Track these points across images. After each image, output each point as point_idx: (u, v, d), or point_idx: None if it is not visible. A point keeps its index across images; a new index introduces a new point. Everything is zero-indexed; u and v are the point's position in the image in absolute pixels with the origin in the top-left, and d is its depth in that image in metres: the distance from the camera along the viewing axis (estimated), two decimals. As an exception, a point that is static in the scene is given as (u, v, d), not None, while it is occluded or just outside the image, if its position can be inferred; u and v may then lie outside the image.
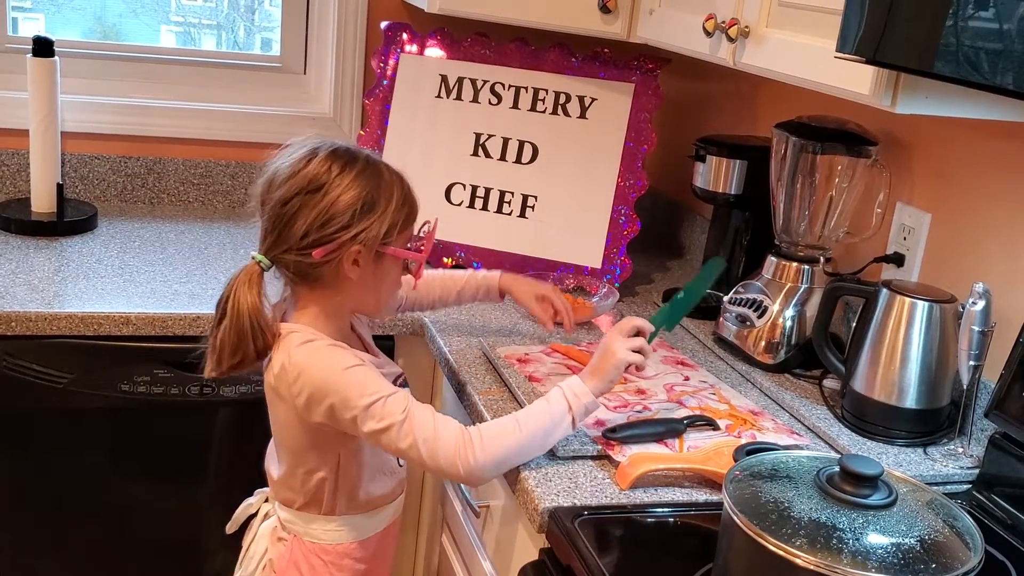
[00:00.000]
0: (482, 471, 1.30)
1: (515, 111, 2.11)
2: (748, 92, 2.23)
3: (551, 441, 1.35)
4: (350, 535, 1.44)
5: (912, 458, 1.48)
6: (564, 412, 1.33)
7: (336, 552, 1.44)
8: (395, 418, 1.28)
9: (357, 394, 1.29)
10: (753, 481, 1.06)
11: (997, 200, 1.56)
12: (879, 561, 0.95)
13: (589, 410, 1.36)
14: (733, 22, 1.56)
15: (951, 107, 1.32)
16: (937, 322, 1.49)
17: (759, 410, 1.58)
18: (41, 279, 1.89)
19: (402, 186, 1.37)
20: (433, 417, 1.31)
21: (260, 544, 1.48)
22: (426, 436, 1.29)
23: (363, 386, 1.30)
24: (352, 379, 1.30)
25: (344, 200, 1.31)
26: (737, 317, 1.79)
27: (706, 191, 2.01)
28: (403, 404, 1.30)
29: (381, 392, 1.30)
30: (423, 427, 1.29)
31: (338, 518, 1.43)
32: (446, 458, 1.29)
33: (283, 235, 1.33)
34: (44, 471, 1.83)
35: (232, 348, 1.33)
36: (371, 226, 1.31)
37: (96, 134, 2.33)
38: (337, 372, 1.30)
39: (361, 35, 2.40)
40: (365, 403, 1.28)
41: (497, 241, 2.09)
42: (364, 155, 1.37)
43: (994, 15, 1.04)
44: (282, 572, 1.44)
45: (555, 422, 1.33)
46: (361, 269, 1.34)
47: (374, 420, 1.28)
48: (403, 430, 1.28)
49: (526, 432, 1.32)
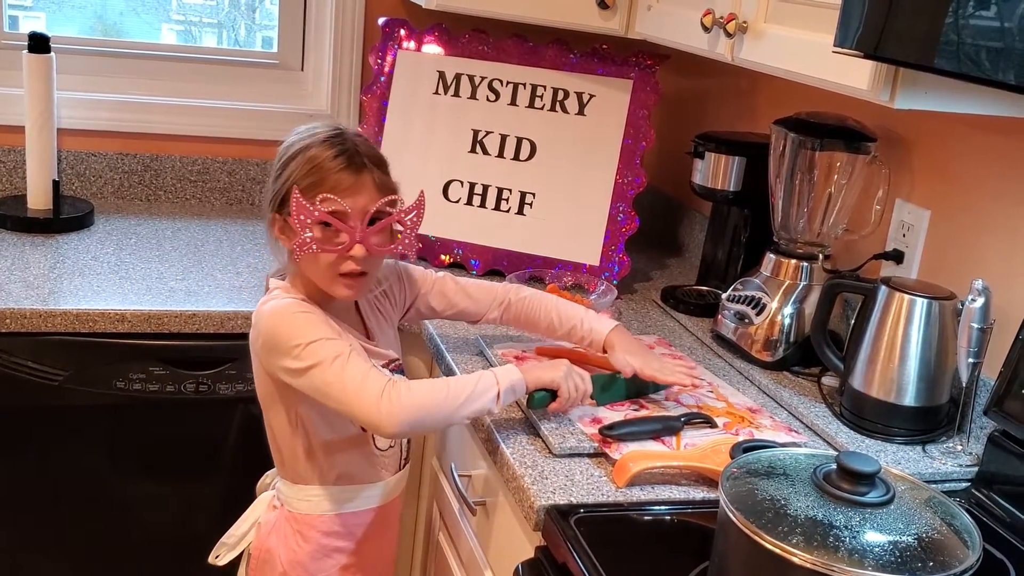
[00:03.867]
0: (399, 417, 1.31)
1: (513, 108, 2.10)
2: (747, 88, 2.23)
3: (469, 410, 1.36)
4: (317, 507, 1.48)
5: (911, 456, 1.47)
6: (491, 384, 1.37)
7: (304, 521, 1.48)
8: (325, 357, 1.32)
9: (299, 334, 1.34)
10: (750, 479, 1.05)
11: (996, 197, 1.55)
12: (876, 559, 0.94)
13: (516, 389, 1.39)
14: (731, 17, 1.56)
15: (950, 102, 1.31)
16: (936, 319, 1.48)
17: (757, 408, 1.58)
18: (37, 276, 1.88)
19: (330, 150, 1.36)
20: (369, 368, 1.34)
21: (257, 509, 1.54)
22: (353, 377, 1.31)
23: (306, 328, 1.34)
24: (298, 321, 1.35)
25: (278, 165, 1.39)
26: (735, 314, 1.78)
27: (705, 188, 2.00)
28: (338, 348, 1.33)
29: (320, 335, 1.33)
30: (354, 370, 1.32)
31: (307, 488, 1.47)
32: (369, 399, 1.30)
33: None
34: (39, 469, 1.82)
35: None
36: (278, 190, 1.38)
37: (93, 131, 2.32)
38: (286, 316, 1.37)
39: (359, 31, 2.40)
40: (303, 342, 1.33)
41: (495, 238, 2.08)
42: (326, 130, 1.41)
43: (995, 10, 1.03)
44: (264, 536, 1.51)
45: (478, 392, 1.36)
46: (288, 240, 1.38)
47: (306, 358, 1.32)
48: (332, 368, 1.31)
49: (449, 392, 1.35)
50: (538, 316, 1.62)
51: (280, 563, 1.49)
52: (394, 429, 1.33)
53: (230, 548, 1.54)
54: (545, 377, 1.42)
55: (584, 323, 1.59)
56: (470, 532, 1.59)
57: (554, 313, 1.61)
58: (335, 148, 1.37)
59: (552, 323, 1.61)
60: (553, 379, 1.42)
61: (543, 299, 1.64)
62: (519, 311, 1.63)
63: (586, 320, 1.59)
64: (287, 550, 1.48)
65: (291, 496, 1.48)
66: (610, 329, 1.57)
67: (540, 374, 1.42)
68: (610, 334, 1.56)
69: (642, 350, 1.57)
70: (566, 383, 1.42)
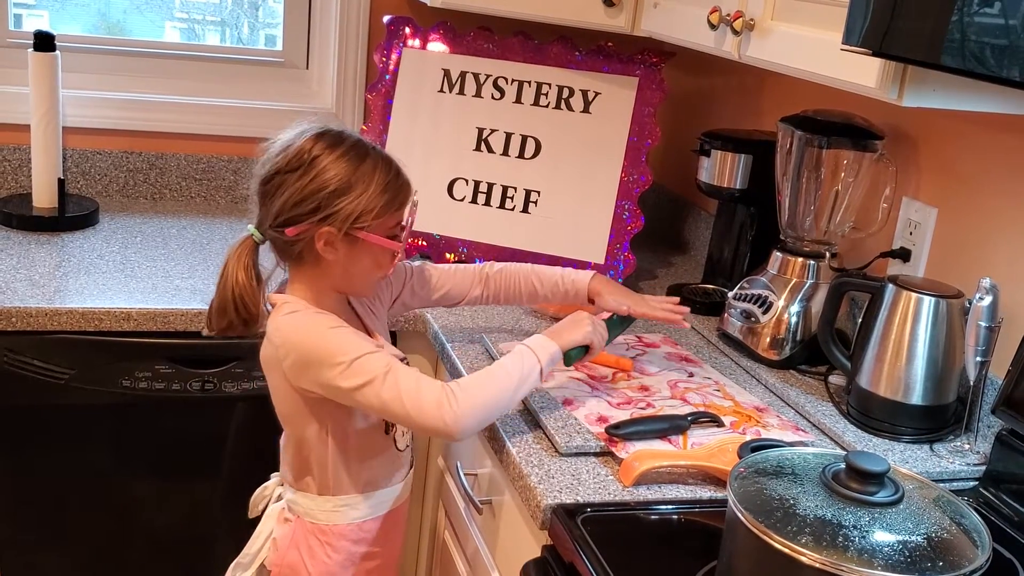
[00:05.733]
0: (465, 421, 1.32)
1: (518, 106, 2.10)
2: (753, 86, 2.22)
3: (522, 393, 1.39)
4: (347, 516, 1.46)
5: (918, 455, 1.47)
6: (534, 363, 1.39)
7: (333, 533, 1.46)
8: (377, 372, 1.31)
9: (340, 351, 1.32)
10: (758, 478, 1.05)
11: (1004, 195, 1.55)
12: (886, 559, 0.94)
13: (554, 359, 1.42)
14: (738, 15, 1.55)
15: (958, 100, 1.31)
16: (943, 318, 1.48)
17: (764, 406, 1.57)
18: (42, 275, 1.88)
19: (387, 172, 1.37)
20: (416, 374, 1.35)
21: (267, 524, 1.51)
22: (409, 389, 1.31)
23: (346, 343, 1.33)
24: (335, 337, 1.34)
25: (319, 181, 1.33)
26: (742, 313, 1.78)
27: (711, 186, 2.00)
28: (384, 361, 1.33)
29: (363, 350, 1.33)
30: (407, 381, 1.32)
31: (334, 498, 1.45)
32: (431, 409, 1.31)
33: (265, 211, 1.37)
34: (45, 467, 1.83)
35: (218, 311, 1.39)
36: (342, 209, 1.33)
37: (98, 129, 2.32)
38: (321, 332, 1.34)
39: (363, 30, 2.40)
40: (347, 359, 1.31)
41: (500, 237, 2.08)
42: (353, 140, 1.38)
43: (1000, 7, 1.03)
44: (283, 551, 1.47)
45: (524, 374, 1.38)
46: (336, 250, 1.36)
47: (356, 375, 1.31)
48: (386, 383, 1.31)
49: (499, 382, 1.36)
50: (519, 283, 1.67)
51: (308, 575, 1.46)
52: (462, 435, 1.35)
53: (245, 568, 1.51)
54: (577, 336, 1.46)
55: (565, 278, 1.67)
56: (476, 531, 1.59)
57: (533, 276, 1.67)
58: (380, 160, 1.37)
59: (533, 286, 1.67)
60: (585, 335, 1.47)
61: (519, 266, 1.70)
62: (499, 283, 1.67)
63: (566, 275, 1.68)
64: (316, 562, 1.45)
65: (314, 508, 1.45)
66: (590, 278, 1.66)
67: (572, 336, 1.46)
68: (592, 282, 1.66)
69: (625, 291, 1.68)
70: (595, 335, 1.48)
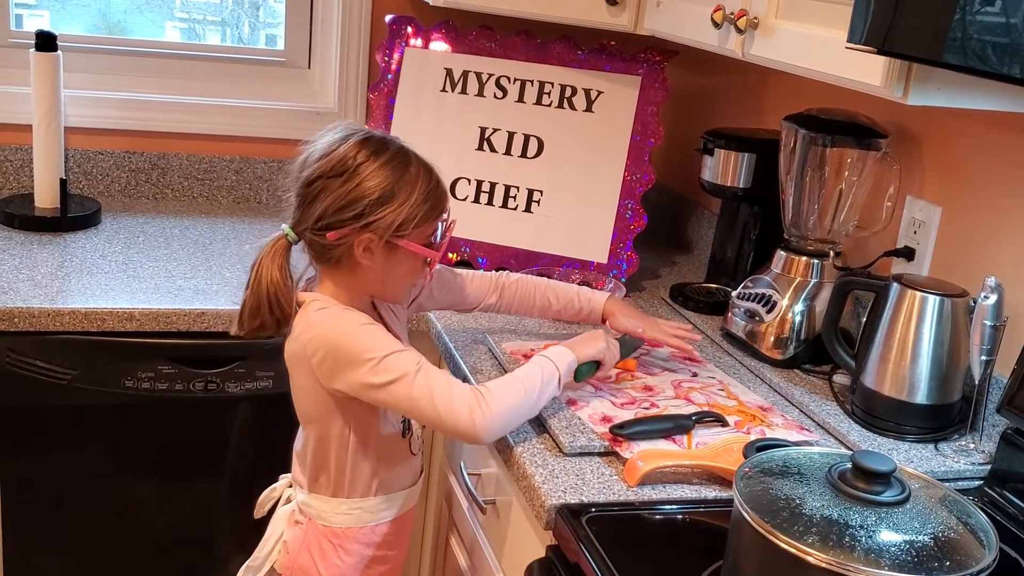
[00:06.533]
0: (494, 425, 1.34)
1: (521, 105, 2.09)
2: (756, 84, 2.22)
3: (544, 400, 1.41)
4: (360, 520, 1.46)
5: (923, 454, 1.46)
6: (553, 371, 1.41)
7: (346, 536, 1.46)
8: (408, 369, 1.32)
9: (370, 347, 1.33)
10: (764, 478, 1.05)
11: (1008, 193, 1.54)
12: (892, 559, 0.93)
13: (571, 369, 1.45)
14: (742, 13, 1.55)
15: (963, 98, 1.30)
16: (948, 317, 1.47)
17: (768, 406, 1.57)
18: (44, 275, 1.88)
19: (428, 181, 1.38)
20: (448, 376, 1.37)
21: (277, 527, 1.51)
22: (441, 391, 1.32)
23: (376, 340, 1.34)
24: (366, 334, 1.35)
25: (362, 188, 1.34)
26: (746, 312, 1.77)
27: (714, 185, 1.99)
28: (416, 359, 1.34)
29: (394, 347, 1.34)
30: (439, 382, 1.33)
31: (348, 501, 1.45)
32: (462, 412, 1.32)
33: (305, 214, 1.37)
34: (48, 468, 1.82)
35: (252, 311, 1.40)
36: (384, 217, 1.34)
37: (100, 129, 2.32)
38: (351, 329, 1.35)
39: (365, 29, 2.39)
40: (378, 355, 1.32)
41: (503, 236, 2.08)
42: (396, 146, 1.39)
43: (1001, 5, 1.02)
44: (294, 554, 1.47)
45: (546, 380, 1.40)
46: (374, 256, 1.37)
47: (386, 372, 1.32)
48: (417, 381, 1.32)
49: (525, 388, 1.38)
50: (533, 296, 1.68)
51: None
52: (489, 439, 1.37)
53: (256, 571, 1.50)
54: (591, 351, 1.49)
55: (581, 296, 1.69)
56: (480, 531, 1.59)
57: (549, 291, 1.69)
58: (423, 169, 1.38)
59: (548, 300, 1.68)
60: (599, 351, 1.50)
61: (536, 280, 1.71)
62: (514, 293, 1.68)
63: (582, 293, 1.70)
64: (328, 565, 1.46)
65: (328, 511, 1.46)
66: (605, 299, 1.69)
67: (586, 349, 1.49)
68: (607, 303, 1.68)
69: (639, 313, 1.70)
70: (608, 353, 1.51)
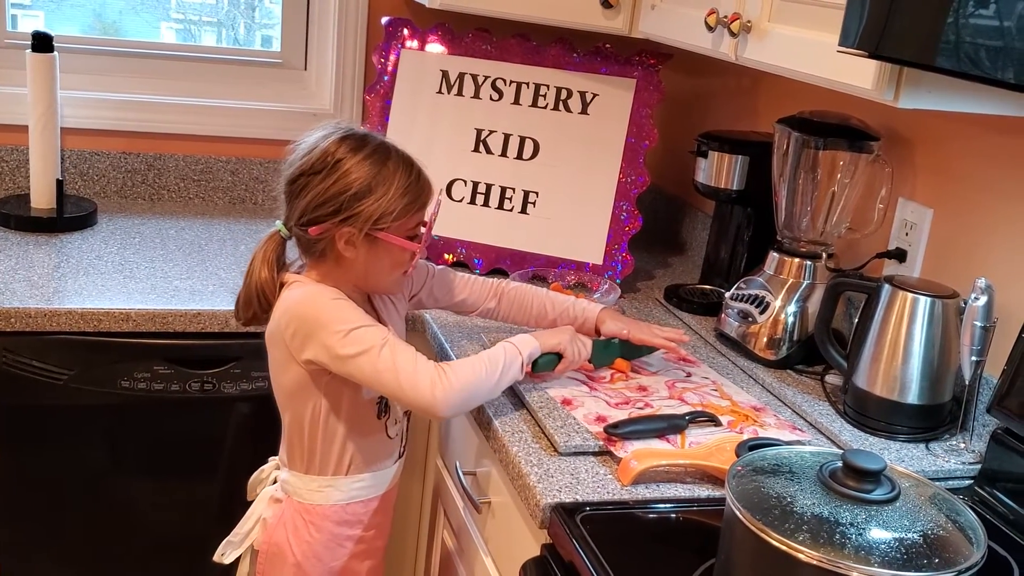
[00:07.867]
0: (452, 398, 1.38)
1: (516, 107, 2.10)
2: (749, 87, 2.23)
3: (505, 382, 1.46)
4: (330, 497, 1.50)
5: (914, 454, 1.48)
6: (515, 354, 1.47)
7: (317, 513, 1.50)
8: (374, 343, 1.36)
9: (338, 319, 1.38)
10: (756, 476, 1.06)
11: (999, 195, 1.56)
12: (882, 556, 0.94)
13: (533, 355, 1.50)
14: (735, 17, 1.56)
15: (954, 102, 1.31)
16: (939, 318, 1.49)
17: (761, 406, 1.58)
18: (41, 275, 1.88)
19: (408, 175, 1.42)
20: (414, 352, 1.40)
21: (259, 505, 1.55)
22: (405, 364, 1.37)
23: (344, 312, 1.39)
24: (335, 307, 1.40)
25: (341, 183, 1.38)
26: (739, 313, 1.79)
27: (708, 187, 2.01)
28: (382, 333, 1.39)
29: (362, 321, 1.39)
30: (404, 356, 1.38)
31: (319, 478, 1.49)
32: (423, 384, 1.36)
33: (291, 210, 1.43)
34: (44, 468, 1.83)
35: (245, 303, 1.47)
36: (363, 211, 1.38)
37: (96, 130, 2.33)
38: (321, 302, 1.40)
39: (362, 31, 2.40)
40: (345, 328, 1.36)
41: (498, 237, 2.09)
42: (376, 142, 1.43)
43: (994, 9, 1.03)
44: (271, 530, 1.52)
45: (507, 363, 1.45)
46: (356, 249, 1.41)
47: (353, 344, 1.36)
48: (382, 355, 1.36)
49: (487, 368, 1.43)
50: (531, 303, 1.71)
51: (292, 555, 1.50)
52: (448, 412, 1.42)
53: (235, 546, 1.55)
54: (552, 341, 1.53)
55: (576, 305, 1.71)
56: (475, 531, 1.60)
57: (546, 300, 1.72)
58: (402, 163, 1.41)
59: (545, 308, 1.70)
60: (559, 342, 1.54)
61: (534, 288, 1.75)
62: (513, 299, 1.71)
63: (577, 303, 1.72)
64: (300, 542, 1.49)
65: (301, 487, 1.50)
66: (599, 309, 1.70)
67: (548, 339, 1.53)
68: (601, 312, 1.70)
69: (630, 320, 1.71)
70: (571, 346, 1.54)
